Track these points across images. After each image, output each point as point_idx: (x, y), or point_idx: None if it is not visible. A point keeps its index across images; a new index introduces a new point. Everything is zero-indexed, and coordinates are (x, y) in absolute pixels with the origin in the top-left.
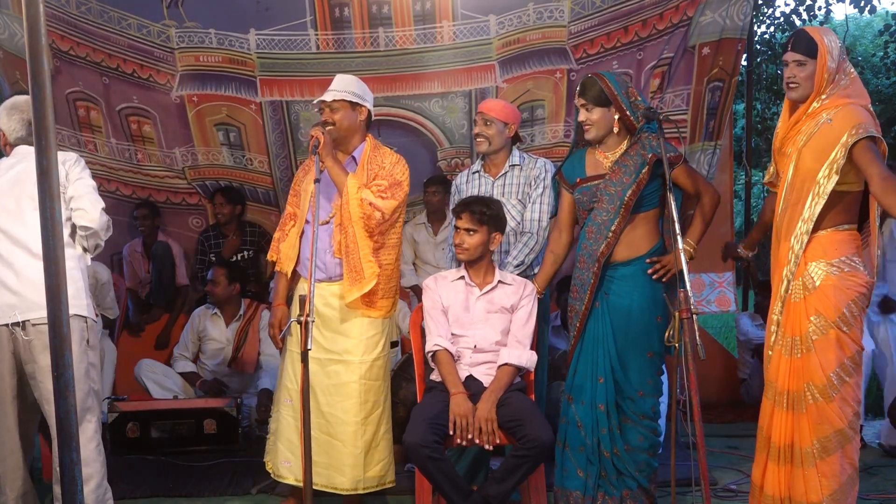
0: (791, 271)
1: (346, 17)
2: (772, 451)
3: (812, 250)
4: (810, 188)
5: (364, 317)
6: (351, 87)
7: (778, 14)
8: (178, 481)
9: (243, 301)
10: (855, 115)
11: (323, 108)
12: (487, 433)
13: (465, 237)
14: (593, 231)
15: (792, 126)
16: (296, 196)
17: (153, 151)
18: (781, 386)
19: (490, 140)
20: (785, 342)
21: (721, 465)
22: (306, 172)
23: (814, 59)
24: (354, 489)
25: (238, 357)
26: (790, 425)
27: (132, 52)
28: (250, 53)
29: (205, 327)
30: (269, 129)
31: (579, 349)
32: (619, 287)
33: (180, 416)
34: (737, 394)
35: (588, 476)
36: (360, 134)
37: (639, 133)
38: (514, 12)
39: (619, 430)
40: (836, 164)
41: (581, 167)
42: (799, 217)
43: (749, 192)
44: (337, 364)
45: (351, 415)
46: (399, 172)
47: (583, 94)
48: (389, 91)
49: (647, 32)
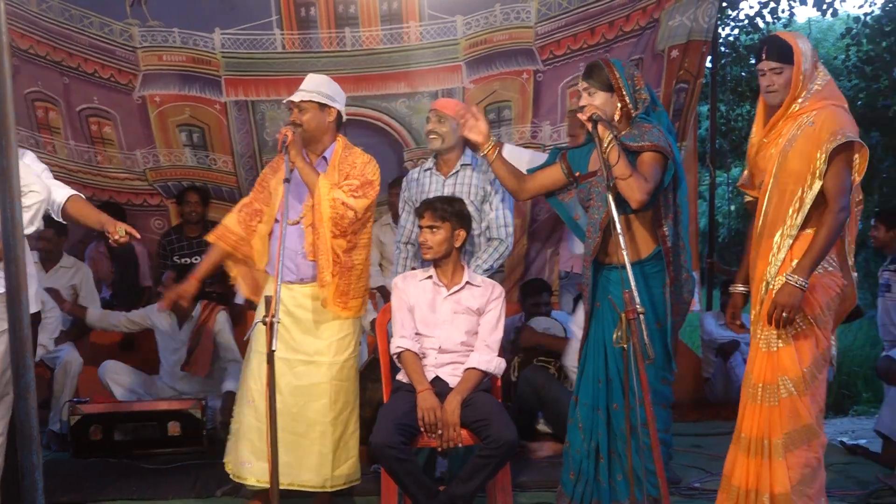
0: (774, 268)
1: (313, 17)
2: (742, 443)
3: (798, 248)
4: (796, 189)
5: (336, 317)
6: (321, 87)
7: (742, 17)
8: (141, 484)
9: (199, 303)
10: (835, 118)
11: (292, 108)
12: (450, 436)
13: (427, 235)
14: (591, 230)
15: (770, 129)
16: (263, 192)
17: (113, 153)
18: (756, 379)
19: (443, 137)
20: (762, 336)
21: (685, 464)
22: (275, 171)
23: (790, 64)
24: (322, 486)
25: (191, 360)
26: (763, 418)
27: (93, 51)
28: (215, 53)
29: (159, 327)
30: (233, 129)
31: (586, 350)
32: (617, 291)
33: (144, 419)
34: (701, 393)
35: (578, 479)
36: (330, 134)
37: (633, 122)
38: (480, 13)
39: (626, 435)
40: (818, 169)
41: (585, 162)
42: (785, 216)
43: (713, 192)
44: (307, 365)
45: (321, 415)
46: (370, 172)
47: (588, 77)
48: (356, 91)
49: (613, 34)
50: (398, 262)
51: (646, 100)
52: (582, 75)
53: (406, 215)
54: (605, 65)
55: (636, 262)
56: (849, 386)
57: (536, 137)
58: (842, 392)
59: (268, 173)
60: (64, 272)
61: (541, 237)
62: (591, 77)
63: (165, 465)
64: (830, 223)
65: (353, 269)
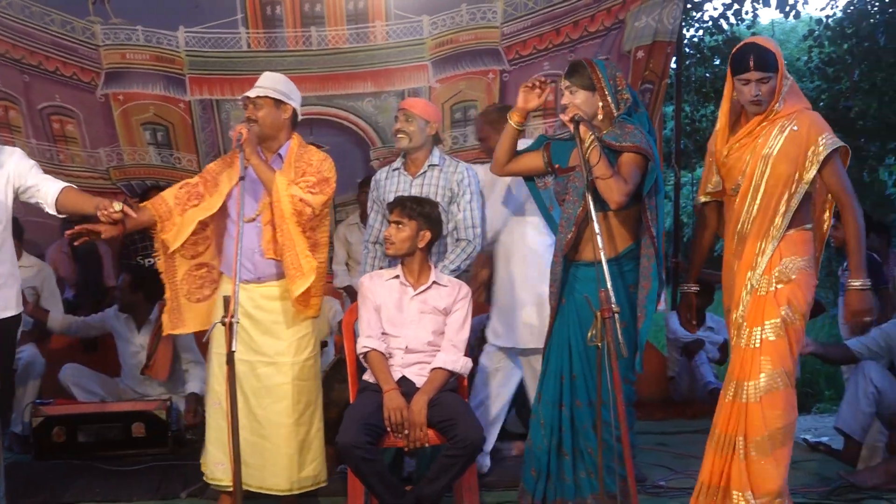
0: (760, 270)
1: (278, 16)
2: (717, 442)
3: (785, 247)
4: (783, 192)
5: (295, 317)
6: (277, 84)
7: (706, 18)
8: (106, 486)
9: (157, 306)
10: (818, 122)
11: (247, 104)
12: (416, 436)
13: (392, 230)
14: (564, 225)
15: (746, 134)
16: (210, 181)
17: (76, 152)
18: (744, 376)
19: (410, 137)
20: (747, 336)
21: (650, 462)
22: (227, 165)
23: (776, 72)
24: (290, 490)
25: (151, 364)
26: (742, 416)
27: (55, 48)
28: (179, 51)
29: (119, 331)
30: (198, 128)
31: (549, 347)
32: (585, 288)
33: (108, 420)
34: (666, 392)
35: (540, 477)
36: (285, 132)
37: (616, 122)
38: (447, 13)
39: (593, 430)
40: (808, 173)
41: (566, 157)
42: (772, 219)
43: (678, 192)
44: (268, 366)
45: (284, 416)
46: (327, 169)
47: (570, 76)
48: (322, 90)
49: (578, 34)
50: (366, 262)
51: (628, 100)
52: (564, 74)
53: (374, 215)
54: (588, 64)
55: (611, 258)
56: (811, 384)
57: None
58: (805, 390)
59: (218, 165)
60: (24, 271)
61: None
62: (573, 76)
63: (130, 467)
64: (856, 218)
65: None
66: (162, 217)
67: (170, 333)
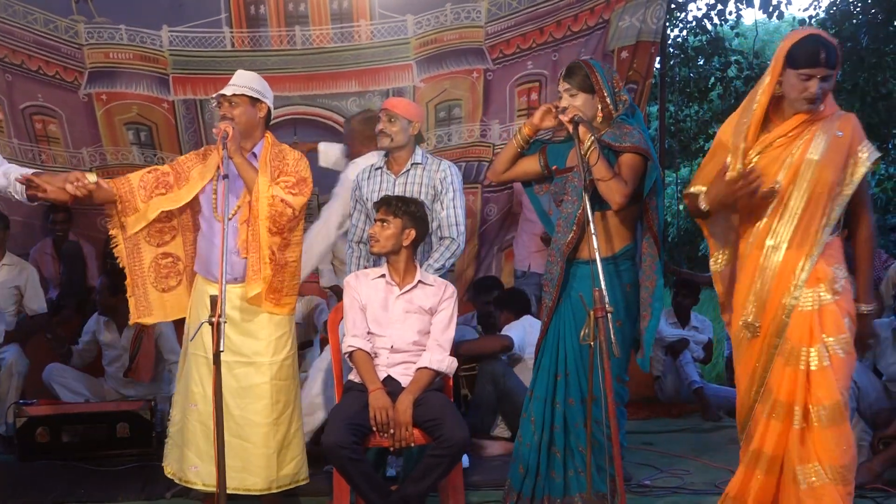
0: (801, 282)
1: (262, 15)
2: (761, 463)
3: (828, 256)
4: (827, 202)
5: (271, 317)
6: (252, 83)
7: (690, 18)
8: (90, 487)
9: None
10: (859, 129)
11: (222, 102)
12: (402, 436)
13: (377, 228)
14: (562, 225)
15: (783, 134)
16: (181, 173)
17: (59, 152)
18: (786, 399)
19: (393, 137)
20: (791, 353)
21: (636, 462)
22: (200, 160)
23: (836, 70)
24: (268, 489)
25: (134, 366)
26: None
27: (38, 47)
28: (163, 50)
29: (101, 335)
30: (182, 127)
31: (543, 345)
32: (582, 286)
33: (92, 420)
34: (651, 391)
35: (527, 474)
36: (259, 130)
37: (614, 122)
38: (431, 12)
39: (584, 428)
40: (850, 183)
41: (563, 158)
42: (815, 230)
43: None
44: (246, 367)
45: (262, 416)
46: (303, 169)
47: (568, 79)
48: (306, 90)
49: (561, 34)
50: (351, 262)
51: (625, 101)
52: (562, 76)
53: (357, 214)
54: (586, 66)
55: (608, 257)
56: None
57: (486, 136)
58: None
59: (191, 159)
60: (8, 270)
61: (490, 238)
62: (571, 78)
63: (114, 467)
64: (871, 237)
65: (286, 266)
66: (122, 197)
67: (143, 330)
